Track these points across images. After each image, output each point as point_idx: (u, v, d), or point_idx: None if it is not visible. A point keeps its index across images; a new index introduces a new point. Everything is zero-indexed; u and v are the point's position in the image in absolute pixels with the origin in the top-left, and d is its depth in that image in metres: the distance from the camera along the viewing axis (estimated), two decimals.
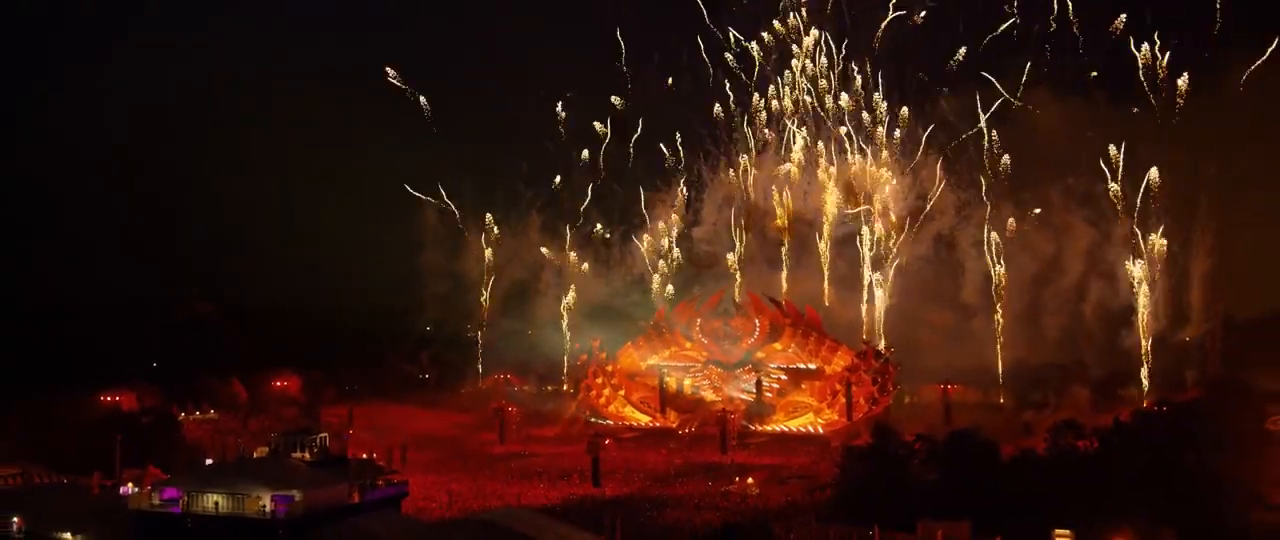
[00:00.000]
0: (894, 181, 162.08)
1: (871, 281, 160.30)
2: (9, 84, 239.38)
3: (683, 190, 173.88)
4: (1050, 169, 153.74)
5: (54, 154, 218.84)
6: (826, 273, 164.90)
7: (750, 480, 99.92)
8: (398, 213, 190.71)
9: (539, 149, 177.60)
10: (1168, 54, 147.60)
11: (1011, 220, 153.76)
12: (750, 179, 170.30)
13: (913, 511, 69.83)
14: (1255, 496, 74.70)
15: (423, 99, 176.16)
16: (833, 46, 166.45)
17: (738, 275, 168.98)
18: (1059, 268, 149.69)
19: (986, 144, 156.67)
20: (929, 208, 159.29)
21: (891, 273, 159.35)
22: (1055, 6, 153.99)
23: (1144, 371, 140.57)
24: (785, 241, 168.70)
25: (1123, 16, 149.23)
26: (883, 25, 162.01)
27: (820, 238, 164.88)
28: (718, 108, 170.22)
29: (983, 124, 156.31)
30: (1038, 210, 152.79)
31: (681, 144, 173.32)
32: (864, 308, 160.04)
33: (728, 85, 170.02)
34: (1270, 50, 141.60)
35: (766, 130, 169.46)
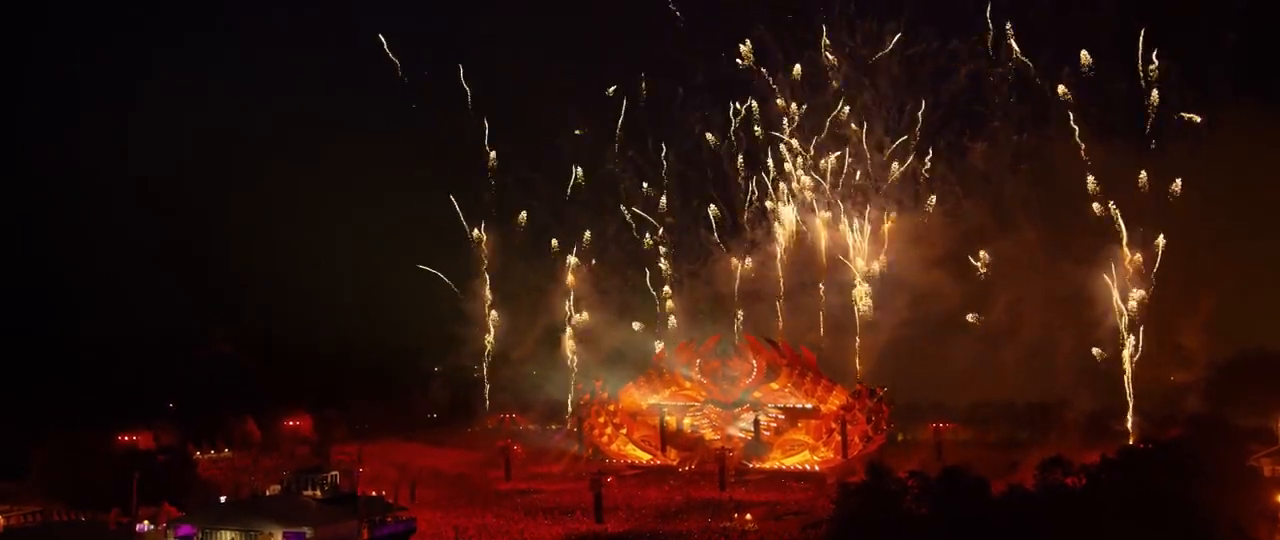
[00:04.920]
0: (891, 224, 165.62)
1: (865, 324, 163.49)
2: (37, 121, 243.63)
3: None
4: (1052, 212, 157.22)
5: (81, 191, 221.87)
6: (823, 315, 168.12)
7: (748, 516, 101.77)
8: (416, 253, 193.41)
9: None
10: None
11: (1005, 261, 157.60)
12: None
13: None
14: (1238, 530, 77.02)
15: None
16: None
17: (737, 316, 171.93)
18: (1051, 309, 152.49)
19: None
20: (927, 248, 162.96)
21: (882, 312, 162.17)
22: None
23: (1129, 410, 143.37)
24: (782, 284, 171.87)
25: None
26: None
27: (820, 284, 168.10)
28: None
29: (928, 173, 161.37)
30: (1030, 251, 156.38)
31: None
32: (858, 349, 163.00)
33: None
34: None
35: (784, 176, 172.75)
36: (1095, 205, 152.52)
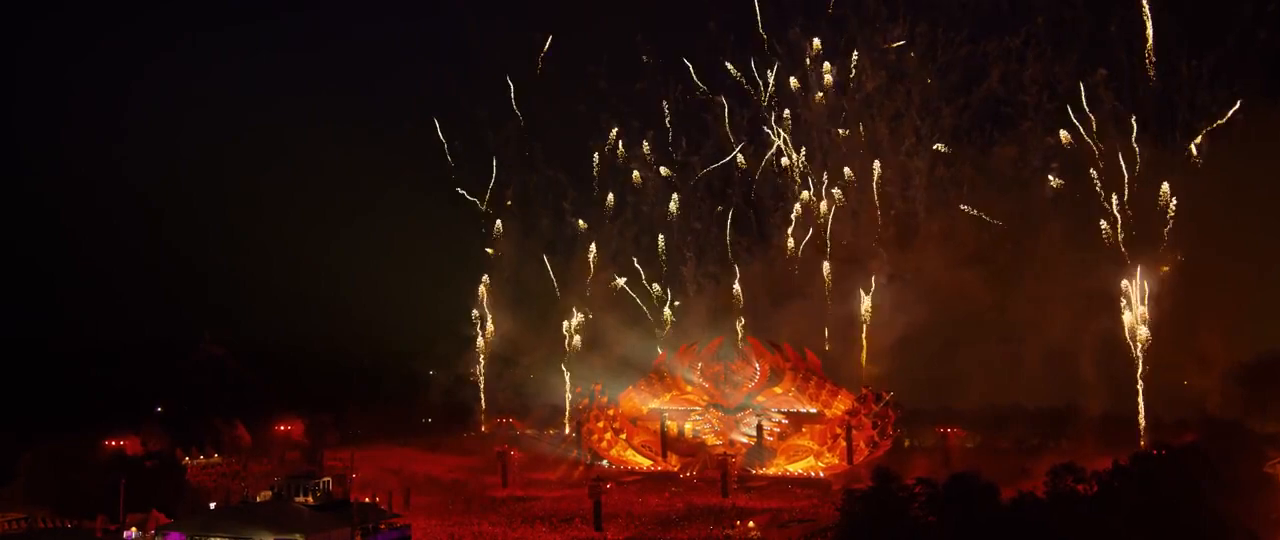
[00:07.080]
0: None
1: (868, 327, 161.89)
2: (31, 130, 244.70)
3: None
4: (1070, 214, 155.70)
5: (76, 200, 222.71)
6: (827, 318, 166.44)
7: (752, 524, 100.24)
8: (410, 257, 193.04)
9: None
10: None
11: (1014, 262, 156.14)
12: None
13: None
14: (1252, 537, 75.26)
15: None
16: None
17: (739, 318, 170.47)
18: (1058, 312, 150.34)
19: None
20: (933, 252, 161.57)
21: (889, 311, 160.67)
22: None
23: (1141, 415, 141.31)
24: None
25: None
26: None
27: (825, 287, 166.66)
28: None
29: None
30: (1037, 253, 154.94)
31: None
32: (864, 353, 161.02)
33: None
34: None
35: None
36: (1113, 207, 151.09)
